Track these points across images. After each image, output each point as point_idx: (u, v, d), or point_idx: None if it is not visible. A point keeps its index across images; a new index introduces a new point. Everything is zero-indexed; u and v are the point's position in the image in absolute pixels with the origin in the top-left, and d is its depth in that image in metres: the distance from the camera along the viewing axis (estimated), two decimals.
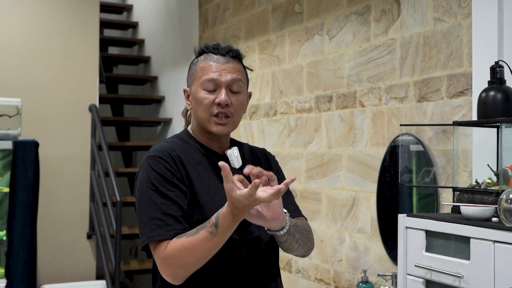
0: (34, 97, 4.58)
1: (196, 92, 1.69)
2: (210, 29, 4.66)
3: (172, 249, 1.52)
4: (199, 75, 1.70)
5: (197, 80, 1.70)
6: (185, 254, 1.51)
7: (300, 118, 3.52)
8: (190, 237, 1.52)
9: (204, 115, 1.68)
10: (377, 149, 2.91)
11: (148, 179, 1.60)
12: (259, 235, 1.67)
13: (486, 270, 1.79)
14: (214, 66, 1.69)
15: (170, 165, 1.61)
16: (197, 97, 1.68)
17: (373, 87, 2.95)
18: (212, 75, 1.68)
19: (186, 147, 1.69)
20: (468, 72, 2.43)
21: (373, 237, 2.93)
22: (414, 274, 2.08)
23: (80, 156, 4.73)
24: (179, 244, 1.51)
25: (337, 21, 3.23)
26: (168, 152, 1.63)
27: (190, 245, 1.50)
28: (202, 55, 1.73)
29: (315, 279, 3.36)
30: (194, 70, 1.72)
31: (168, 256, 1.52)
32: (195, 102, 1.70)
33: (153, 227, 1.55)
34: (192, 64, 1.75)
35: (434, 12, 2.61)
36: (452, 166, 2.40)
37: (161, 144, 1.69)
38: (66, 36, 4.75)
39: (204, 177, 1.65)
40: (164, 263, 1.54)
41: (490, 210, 1.92)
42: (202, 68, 1.70)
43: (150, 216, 1.56)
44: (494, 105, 2.08)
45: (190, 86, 1.73)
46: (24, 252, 3.95)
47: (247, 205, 1.44)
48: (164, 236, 1.54)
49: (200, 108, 1.68)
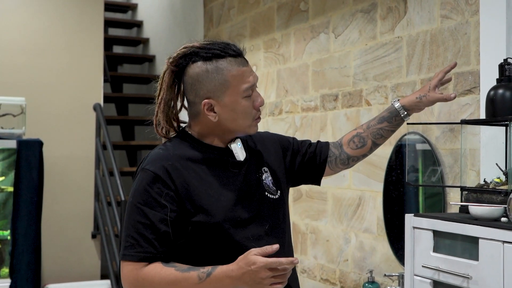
0: (38, 96, 4.58)
1: (235, 103, 1.60)
2: (215, 27, 4.64)
3: (154, 274, 1.50)
4: (234, 84, 1.59)
5: (233, 90, 1.60)
6: (165, 284, 1.48)
7: (306, 117, 3.50)
8: (178, 272, 1.50)
9: (246, 122, 1.64)
10: (383, 148, 2.88)
11: (135, 193, 1.57)
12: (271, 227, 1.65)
13: (495, 271, 1.76)
14: (245, 71, 1.62)
15: (161, 179, 1.55)
16: (240, 107, 1.61)
17: (379, 86, 2.93)
18: (249, 80, 1.62)
19: (185, 151, 1.63)
20: (476, 70, 2.40)
21: (379, 237, 2.90)
22: (421, 275, 2.05)
23: (84, 156, 4.73)
24: (164, 273, 1.50)
25: (342, 19, 3.20)
26: (162, 164, 1.57)
27: (175, 279, 1.49)
28: (222, 61, 1.60)
29: (320, 279, 3.33)
30: (223, 80, 1.59)
31: (145, 277, 1.50)
32: (233, 113, 1.61)
33: (127, 245, 1.54)
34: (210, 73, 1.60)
35: (441, 9, 2.58)
36: (460, 165, 2.37)
37: (156, 153, 1.63)
38: (70, 35, 4.74)
39: (207, 177, 1.61)
40: (135, 280, 1.51)
41: (499, 210, 1.89)
42: (234, 76, 1.59)
43: (127, 233, 1.55)
44: (502, 103, 2.05)
45: (219, 98, 1.60)
46: (28, 252, 3.95)
47: (257, 274, 1.43)
48: (133, 258, 1.52)
49: (242, 117, 1.62)
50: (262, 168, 1.72)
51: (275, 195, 1.71)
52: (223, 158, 1.65)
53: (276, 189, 1.73)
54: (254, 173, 1.69)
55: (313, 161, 1.86)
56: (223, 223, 1.56)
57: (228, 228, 1.56)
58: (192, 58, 1.62)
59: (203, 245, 1.57)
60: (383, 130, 1.88)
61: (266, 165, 1.74)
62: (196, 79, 1.61)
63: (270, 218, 1.66)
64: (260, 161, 1.73)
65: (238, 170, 1.66)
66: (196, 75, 1.61)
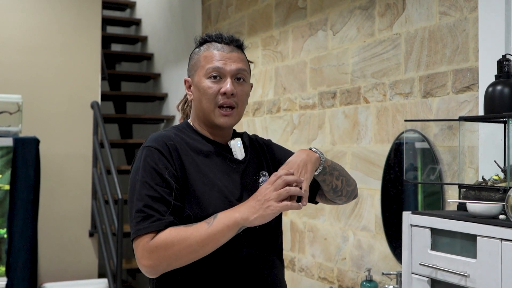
0: (35, 94, 4.56)
1: (199, 82, 1.63)
2: (213, 25, 4.63)
3: (164, 237, 1.47)
4: (202, 64, 1.63)
5: (200, 69, 1.64)
6: (177, 242, 1.46)
7: (304, 114, 3.48)
8: (187, 227, 1.49)
9: (208, 106, 1.62)
10: (381, 146, 2.87)
11: (139, 169, 1.56)
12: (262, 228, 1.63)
13: (493, 269, 1.75)
14: (218, 55, 1.63)
15: (164, 156, 1.55)
16: (201, 86, 1.62)
17: (377, 83, 2.91)
18: (217, 63, 1.62)
19: (185, 137, 1.63)
20: (474, 66, 2.38)
21: (377, 235, 2.89)
22: (419, 273, 2.04)
23: (82, 154, 4.71)
24: (174, 232, 1.48)
25: (341, 16, 3.19)
26: (164, 142, 1.58)
27: (185, 234, 1.47)
28: (205, 44, 1.67)
29: (318, 278, 3.32)
30: (196, 59, 1.66)
31: (158, 244, 1.47)
32: (199, 92, 1.63)
33: (139, 220, 1.50)
34: (193, 53, 1.69)
35: (439, 6, 2.57)
36: (458, 163, 2.36)
37: (158, 133, 1.63)
38: (68, 32, 4.73)
39: (203, 167, 1.59)
40: (150, 251, 1.48)
41: (497, 207, 1.87)
42: (205, 56, 1.64)
43: (136, 208, 1.52)
44: (501, 100, 2.04)
45: (193, 76, 1.67)
46: (24, 250, 3.93)
47: (269, 198, 1.46)
48: (149, 229, 1.49)
49: (204, 98, 1.62)
50: (260, 172, 1.70)
51: None
52: (221, 153, 1.65)
53: None
54: (252, 174, 1.68)
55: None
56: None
57: None
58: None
59: None
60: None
61: (266, 169, 1.72)
62: (188, 61, 1.71)
63: None
64: (260, 165, 1.72)
65: (236, 166, 1.64)
66: (189, 58, 1.72)
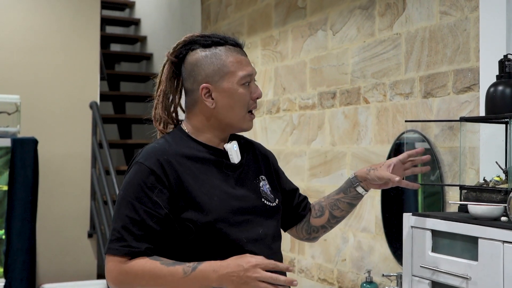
0: (33, 94, 4.55)
1: (232, 89, 1.57)
2: (212, 25, 4.62)
3: (138, 267, 1.46)
4: (232, 70, 1.58)
5: (231, 76, 1.57)
6: (148, 278, 1.44)
7: (303, 115, 3.46)
8: (163, 265, 1.45)
9: (240, 112, 1.59)
10: (381, 147, 2.86)
11: (127, 186, 1.54)
12: (265, 232, 1.61)
13: (495, 272, 1.73)
14: (244, 60, 1.60)
15: (155, 174, 1.52)
16: (237, 93, 1.57)
17: (377, 83, 2.89)
18: (248, 69, 1.59)
19: (180, 147, 1.60)
20: (475, 67, 2.37)
21: (377, 237, 2.87)
22: (419, 275, 2.02)
23: (80, 154, 4.70)
24: (150, 266, 1.45)
25: (340, 15, 3.17)
26: (157, 158, 1.54)
27: (160, 273, 1.44)
28: (220, 48, 1.61)
29: (318, 279, 3.30)
30: (220, 65, 1.58)
31: (130, 270, 1.46)
32: (230, 99, 1.58)
33: (113, 238, 1.50)
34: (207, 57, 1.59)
35: (440, 5, 2.55)
36: (459, 164, 2.34)
37: (151, 146, 1.60)
38: (66, 32, 4.72)
39: (201, 175, 1.57)
40: (119, 273, 1.47)
41: (499, 209, 1.86)
42: (233, 62, 1.58)
43: (114, 226, 1.51)
44: (502, 100, 2.02)
45: (216, 83, 1.58)
46: (23, 251, 3.92)
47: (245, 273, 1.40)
48: (118, 252, 1.48)
49: (239, 105, 1.58)
50: (259, 176, 1.69)
51: (273, 203, 1.68)
52: (217, 159, 1.62)
53: (274, 197, 1.70)
54: (251, 178, 1.66)
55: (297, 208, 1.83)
56: (216, 223, 1.53)
57: (220, 228, 1.53)
58: (192, 46, 1.63)
59: (194, 244, 1.54)
60: (339, 201, 1.82)
61: (264, 174, 1.71)
62: (195, 64, 1.60)
63: (265, 223, 1.63)
64: (258, 170, 1.71)
65: (232, 172, 1.62)
66: (195, 61, 1.60)
